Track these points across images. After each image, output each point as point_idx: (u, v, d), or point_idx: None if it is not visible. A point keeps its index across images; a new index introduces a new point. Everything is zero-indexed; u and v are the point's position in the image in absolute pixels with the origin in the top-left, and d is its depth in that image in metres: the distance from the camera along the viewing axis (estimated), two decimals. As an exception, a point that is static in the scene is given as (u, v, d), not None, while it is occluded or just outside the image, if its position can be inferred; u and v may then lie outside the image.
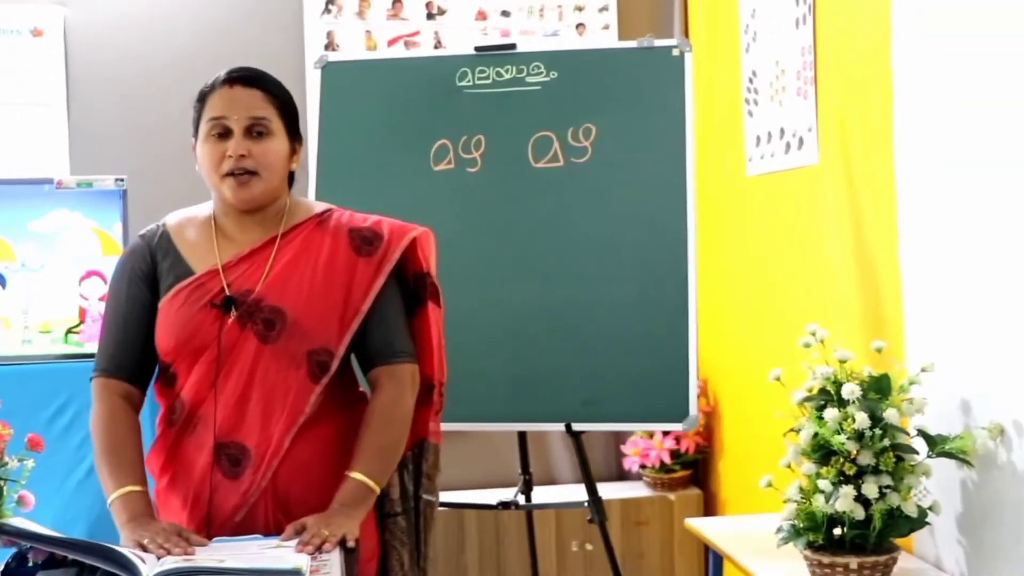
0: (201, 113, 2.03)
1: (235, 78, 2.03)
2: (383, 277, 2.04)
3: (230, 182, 1.98)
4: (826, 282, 2.87)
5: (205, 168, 2.01)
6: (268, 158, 2.00)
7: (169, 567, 1.61)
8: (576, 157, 2.89)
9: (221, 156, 1.98)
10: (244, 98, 2.00)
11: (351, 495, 1.94)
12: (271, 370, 1.98)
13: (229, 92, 2.01)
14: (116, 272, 2.09)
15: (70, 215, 2.95)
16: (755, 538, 2.58)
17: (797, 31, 2.99)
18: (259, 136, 2.00)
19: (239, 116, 1.98)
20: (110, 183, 3.00)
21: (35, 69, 3.71)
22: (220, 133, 1.99)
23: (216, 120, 1.99)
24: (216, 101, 2.01)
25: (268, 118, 2.01)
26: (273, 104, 2.03)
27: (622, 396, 2.79)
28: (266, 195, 2.02)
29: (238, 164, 1.97)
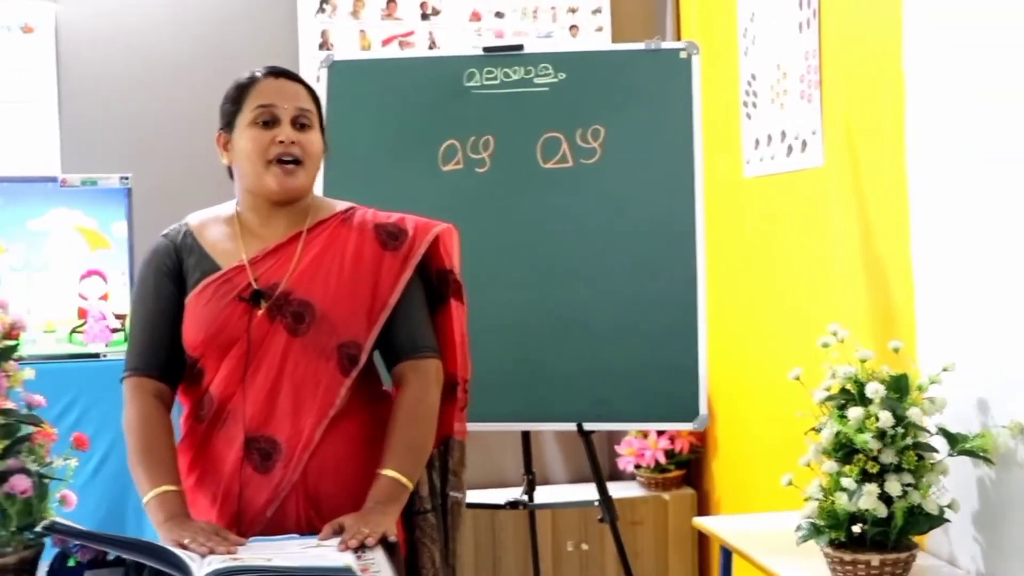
0: (240, 104, 2.02)
1: (279, 72, 2.05)
2: (409, 271, 2.05)
3: (276, 169, 1.98)
4: (832, 283, 2.91)
5: (246, 154, 1.99)
6: (312, 148, 2.02)
7: (221, 566, 1.60)
8: (585, 158, 2.90)
9: (268, 142, 1.98)
10: (291, 89, 2.03)
11: (385, 492, 1.93)
12: (301, 363, 1.97)
13: (276, 83, 2.03)
14: (141, 272, 2.07)
15: (69, 213, 2.91)
16: (765, 536, 2.61)
17: (800, 35, 3.02)
18: (303, 128, 2.01)
19: (288, 105, 2.00)
20: (115, 181, 2.97)
21: (26, 66, 3.66)
22: (267, 120, 1.98)
23: (265, 107, 1.98)
24: (264, 90, 2.01)
25: (311, 111, 2.03)
26: (312, 101, 2.05)
27: (632, 396, 2.81)
28: (306, 187, 2.04)
29: (287, 151, 1.97)
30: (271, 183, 1.99)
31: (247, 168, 2.01)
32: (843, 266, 2.84)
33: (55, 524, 1.61)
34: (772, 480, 3.35)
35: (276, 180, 1.99)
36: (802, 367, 3.06)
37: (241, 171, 2.04)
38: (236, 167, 2.05)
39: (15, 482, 1.55)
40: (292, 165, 1.99)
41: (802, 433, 3.12)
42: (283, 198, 2.02)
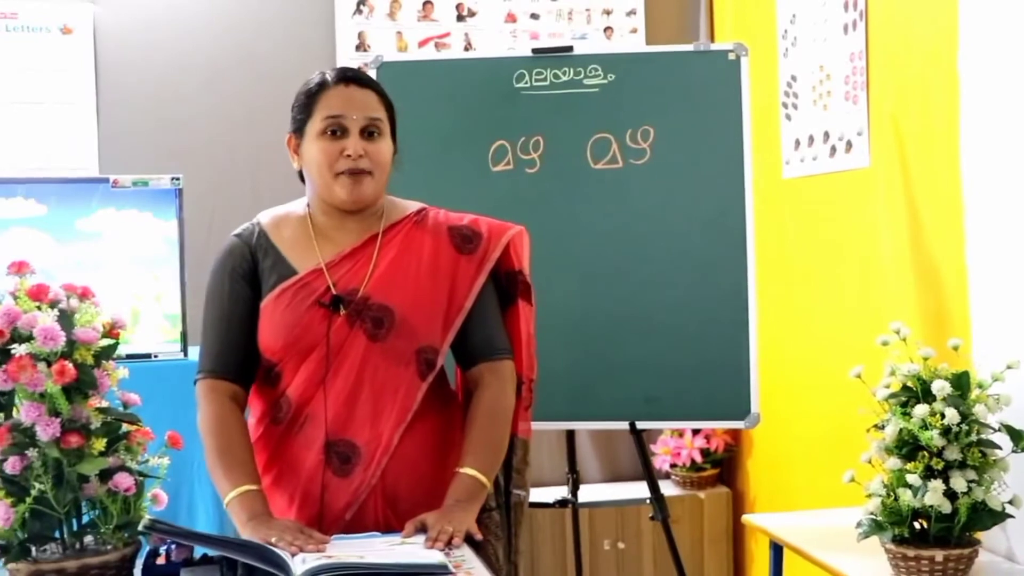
0: (309, 111, 2.01)
1: (349, 78, 2.03)
2: (484, 275, 2.06)
3: (344, 180, 1.98)
4: (879, 282, 2.93)
5: (315, 165, 2.00)
6: (381, 158, 2.01)
7: (319, 563, 1.62)
8: (635, 159, 2.92)
9: (337, 154, 1.97)
10: (360, 98, 2.00)
11: (465, 490, 1.95)
12: (380, 368, 1.99)
13: (345, 91, 2.00)
14: (215, 273, 2.06)
15: (118, 214, 2.93)
16: (818, 533, 2.63)
17: (846, 37, 3.04)
18: (372, 137, 2.00)
19: (357, 116, 1.98)
20: (166, 182, 2.98)
21: (65, 67, 3.67)
22: (335, 131, 1.98)
23: (334, 118, 1.98)
24: (332, 99, 1.99)
25: (381, 119, 2.02)
26: (384, 106, 2.04)
27: (683, 394, 2.83)
28: (375, 195, 2.03)
29: (355, 164, 1.97)
30: (340, 194, 1.99)
31: (317, 177, 2.01)
32: (891, 266, 2.87)
33: (155, 522, 1.63)
34: (813, 478, 3.39)
35: (345, 191, 1.99)
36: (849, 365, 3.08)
37: (311, 179, 2.04)
38: (306, 173, 2.06)
39: (119, 480, 1.56)
40: (361, 175, 1.98)
41: (845, 431, 3.15)
42: (352, 208, 2.02)
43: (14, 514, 1.51)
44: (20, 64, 3.64)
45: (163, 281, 2.98)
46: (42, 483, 1.52)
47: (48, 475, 1.53)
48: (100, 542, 1.61)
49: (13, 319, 1.50)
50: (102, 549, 1.60)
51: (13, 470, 1.53)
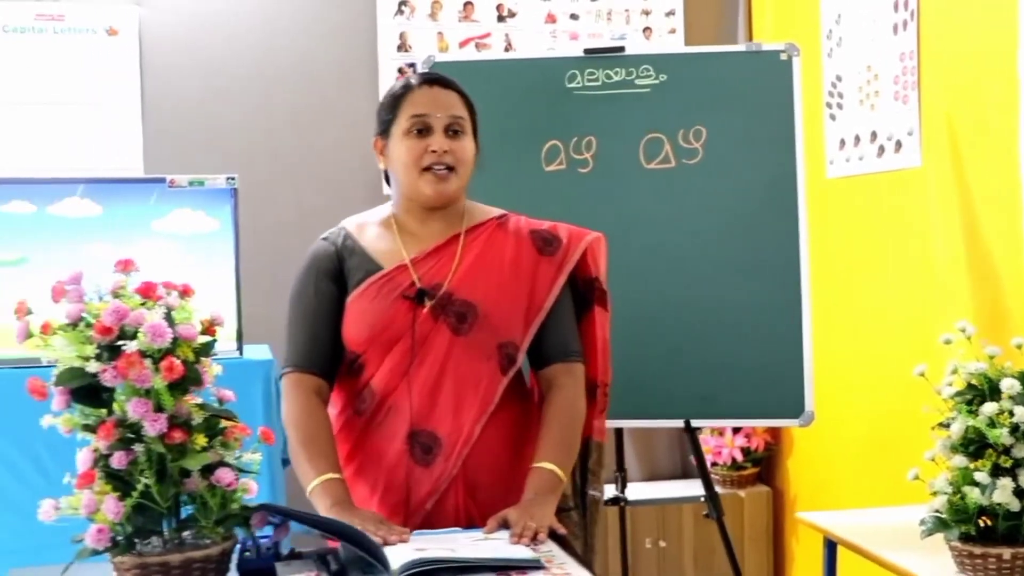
0: (395, 112, 2.07)
1: (433, 79, 2.09)
2: (564, 276, 2.11)
3: (429, 177, 2.03)
4: (930, 281, 2.95)
5: (402, 162, 2.05)
6: (465, 155, 2.06)
7: (416, 557, 1.63)
8: (687, 158, 2.94)
9: (422, 151, 2.03)
10: (444, 98, 2.06)
11: (543, 483, 1.98)
12: (463, 361, 2.02)
13: (430, 92, 2.06)
14: (302, 273, 2.12)
15: (193, 214, 2.95)
16: (874, 531, 2.64)
17: (895, 36, 3.06)
18: (455, 135, 2.05)
19: (441, 114, 2.04)
20: (221, 181, 3.00)
21: (110, 68, 3.69)
22: (420, 129, 2.02)
23: (419, 117, 2.03)
24: (418, 99, 2.05)
25: (464, 118, 2.07)
26: (465, 106, 2.09)
27: (738, 392, 2.85)
28: (458, 192, 2.08)
29: (440, 159, 2.01)
30: (425, 189, 2.04)
31: (402, 175, 2.07)
32: (944, 265, 2.88)
33: (268, 505, 1.65)
34: (859, 477, 3.40)
35: (430, 186, 2.04)
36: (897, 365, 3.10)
37: (397, 177, 2.09)
38: (392, 172, 2.11)
39: (220, 475, 1.58)
40: (445, 171, 2.03)
41: (893, 430, 3.17)
42: (437, 203, 2.07)
43: (123, 508, 1.52)
44: (67, 65, 3.66)
45: (217, 280, 2.99)
46: (146, 478, 1.54)
47: (152, 470, 1.55)
48: (198, 536, 1.63)
49: (122, 316, 1.51)
50: (201, 543, 1.62)
51: (119, 465, 1.54)
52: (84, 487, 1.54)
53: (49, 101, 3.65)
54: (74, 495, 1.60)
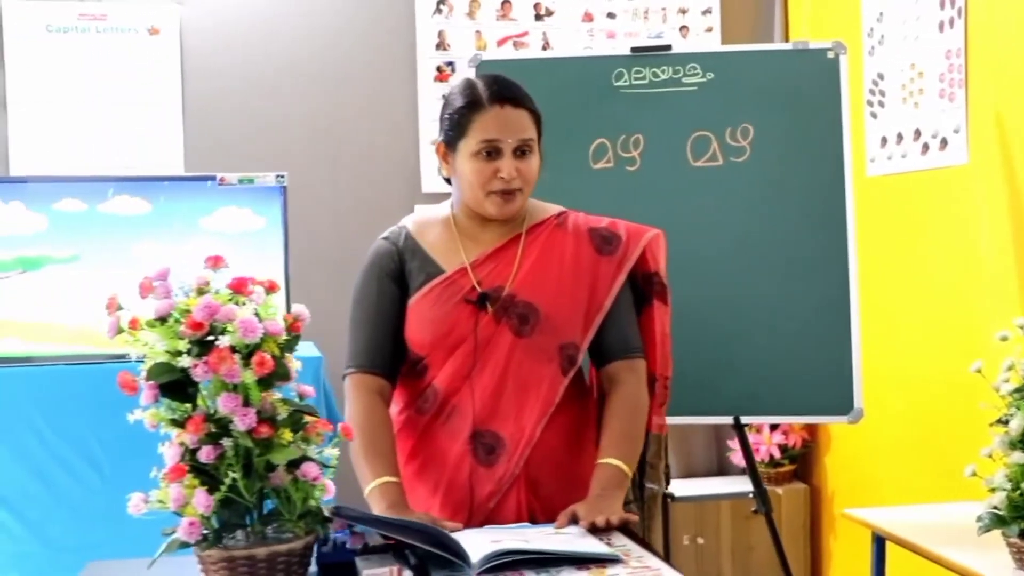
0: (464, 130, 2.03)
1: (505, 98, 2.04)
2: (624, 275, 2.11)
3: (495, 199, 2.03)
4: (976, 278, 2.95)
5: (470, 182, 2.04)
6: (531, 175, 2.06)
7: (494, 549, 1.65)
8: (735, 156, 2.95)
9: (491, 175, 2.02)
10: (515, 120, 2.03)
11: (609, 479, 1.99)
12: (525, 363, 2.04)
13: (501, 113, 2.02)
14: (365, 273, 2.13)
15: (239, 212, 2.97)
16: (925, 528, 2.65)
17: (942, 35, 3.07)
18: (523, 155, 2.04)
19: (512, 139, 2.02)
20: (271, 179, 3.02)
21: (152, 67, 3.71)
22: (489, 152, 2.02)
23: (489, 142, 2.01)
24: (489, 122, 2.01)
25: (533, 138, 2.05)
26: (534, 123, 2.07)
27: (787, 390, 2.86)
28: (522, 208, 2.09)
29: (508, 185, 2.02)
30: (490, 209, 2.05)
31: (468, 192, 2.06)
32: (991, 262, 2.89)
33: (341, 508, 1.66)
34: (900, 474, 3.41)
35: (495, 208, 2.04)
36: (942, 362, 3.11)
37: (461, 190, 2.09)
38: (455, 182, 2.10)
39: (306, 469, 1.59)
40: (512, 194, 2.03)
41: (935, 427, 3.18)
42: (500, 219, 2.08)
43: (213, 502, 1.54)
44: (109, 65, 3.68)
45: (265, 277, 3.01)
46: (234, 472, 1.56)
47: (239, 464, 1.56)
48: (279, 530, 1.65)
49: (213, 312, 1.53)
50: (283, 537, 1.63)
51: (207, 459, 1.56)
52: (175, 481, 1.55)
53: (91, 100, 3.68)
54: (160, 489, 1.61)
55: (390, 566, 1.66)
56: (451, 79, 3.88)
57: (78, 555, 2.78)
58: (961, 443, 3.07)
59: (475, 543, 1.70)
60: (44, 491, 2.82)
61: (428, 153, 3.90)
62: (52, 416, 2.82)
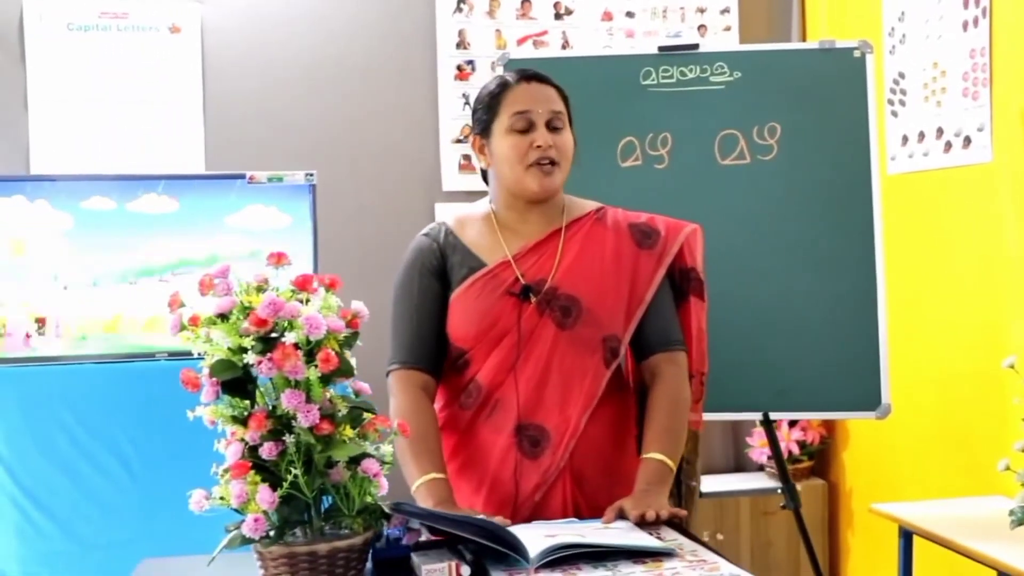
0: (495, 111, 2.08)
1: (531, 76, 2.10)
2: (664, 268, 2.13)
3: (535, 171, 2.05)
4: (1001, 275, 2.97)
5: (506, 159, 2.07)
6: (567, 148, 2.09)
7: (552, 544, 1.66)
8: (762, 155, 2.96)
9: (527, 147, 2.05)
10: (542, 92, 2.08)
11: (654, 474, 2.00)
12: (568, 355, 2.05)
13: (528, 88, 2.08)
14: (406, 270, 2.14)
15: (266, 210, 2.97)
16: (952, 522, 2.68)
17: (965, 34, 3.09)
18: (556, 130, 2.07)
19: (543, 110, 2.06)
20: (300, 178, 3.03)
21: (173, 66, 3.72)
22: (523, 127, 2.04)
23: (521, 114, 2.05)
24: (519, 96, 2.07)
25: (563, 112, 2.09)
26: (563, 101, 2.11)
27: (815, 386, 2.88)
28: (561, 185, 2.11)
29: (544, 154, 2.04)
30: (531, 184, 2.06)
31: (506, 171, 2.08)
32: (1017, 259, 2.91)
33: (400, 504, 1.67)
34: (921, 469, 3.43)
35: (536, 181, 2.06)
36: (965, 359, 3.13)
37: (499, 173, 2.11)
38: (493, 169, 2.12)
39: (367, 465, 1.60)
40: (550, 166, 2.06)
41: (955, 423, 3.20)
42: (542, 197, 2.10)
43: (276, 498, 1.55)
44: (130, 63, 3.68)
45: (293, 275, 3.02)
46: (295, 468, 1.56)
47: (300, 460, 1.57)
48: (336, 527, 1.65)
49: (278, 309, 1.54)
50: (341, 533, 1.64)
51: (269, 455, 1.57)
52: (238, 478, 1.56)
53: (112, 99, 3.68)
54: (220, 485, 1.62)
55: (448, 561, 1.67)
56: (471, 78, 3.90)
57: (108, 552, 2.80)
58: (984, 439, 3.10)
59: (530, 538, 1.71)
60: (74, 489, 2.83)
61: (448, 151, 3.91)
62: (82, 414, 2.82)
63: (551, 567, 1.65)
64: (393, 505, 1.67)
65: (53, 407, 2.82)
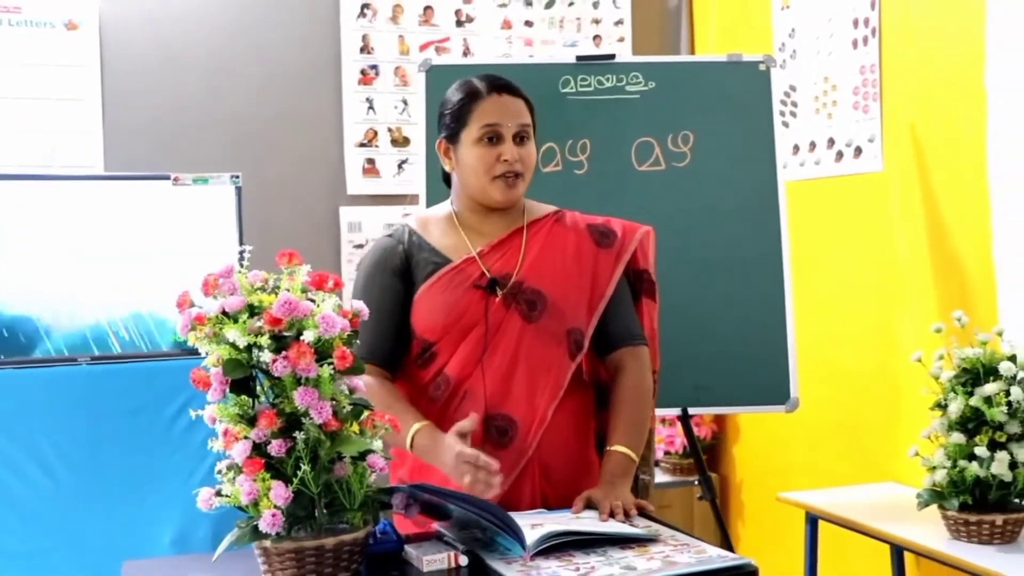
0: (465, 120, 2.13)
1: (501, 86, 2.15)
2: (622, 266, 2.23)
3: (500, 183, 2.12)
4: (893, 275, 3.20)
5: (473, 169, 2.12)
6: (531, 160, 2.16)
7: (546, 532, 1.73)
8: (677, 161, 3.11)
9: (493, 160, 2.11)
10: (512, 105, 2.14)
11: (619, 466, 2.09)
12: (535, 347, 2.12)
13: (499, 100, 2.13)
14: (367, 268, 2.17)
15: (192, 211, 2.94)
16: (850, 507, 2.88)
17: (855, 51, 3.31)
18: (523, 141, 2.14)
19: (511, 123, 2.12)
20: (225, 179, 3.01)
21: (69, 63, 3.61)
22: (491, 137, 2.11)
23: (491, 126, 2.11)
24: (489, 108, 2.12)
25: (530, 124, 2.16)
26: (530, 112, 2.18)
27: (729, 382, 3.03)
28: (523, 194, 2.18)
29: (511, 168, 2.11)
30: (496, 195, 2.13)
31: (472, 180, 2.14)
32: (908, 261, 3.14)
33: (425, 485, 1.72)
34: (808, 460, 3.64)
35: (501, 192, 2.13)
36: (857, 355, 3.35)
37: (464, 180, 2.16)
38: (457, 174, 2.18)
39: (372, 460, 1.64)
40: (514, 178, 2.13)
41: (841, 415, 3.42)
42: (504, 207, 2.17)
43: (290, 494, 1.57)
44: (24, 59, 3.56)
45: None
46: (304, 464, 1.59)
47: (307, 457, 1.60)
48: (336, 520, 1.68)
49: (292, 308, 1.56)
50: (341, 527, 1.67)
51: (278, 452, 1.58)
52: (252, 475, 1.57)
53: (5, 95, 3.54)
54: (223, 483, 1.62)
55: (446, 552, 1.72)
56: (375, 82, 3.92)
57: (31, 562, 2.72)
58: (875, 430, 3.33)
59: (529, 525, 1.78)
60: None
61: (353, 155, 3.93)
62: (3, 420, 2.73)
63: (544, 555, 1.72)
64: (416, 484, 1.71)
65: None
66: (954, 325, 2.59)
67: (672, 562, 1.68)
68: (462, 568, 1.72)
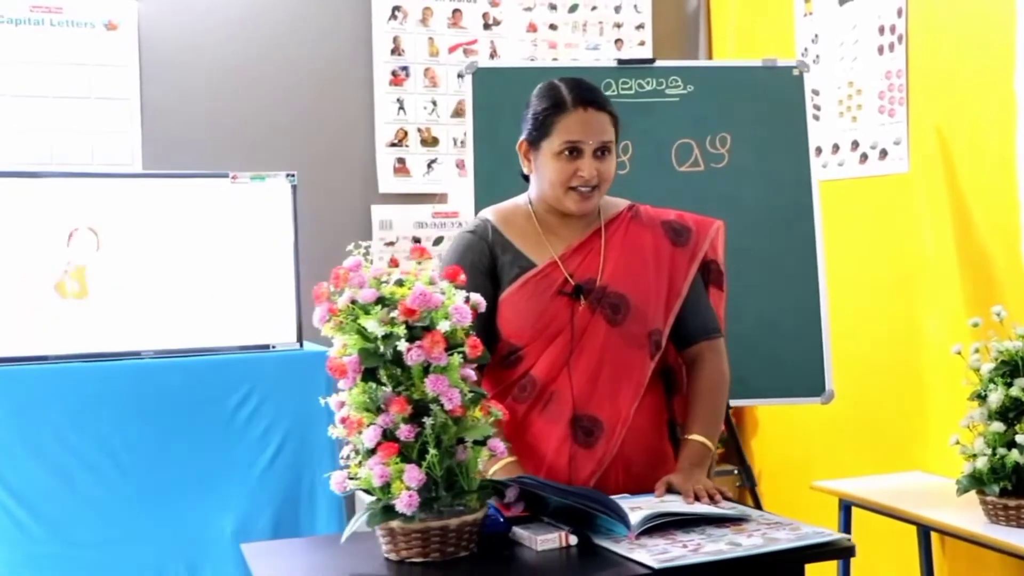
0: (547, 131, 2.18)
1: (588, 101, 2.19)
2: (697, 264, 2.31)
3: (574, 195, 2.19)
4: (919, 274, 3.33)
5: (551, 180, 2.19)
6: (609, 175, 2.22)
7: (650, 512, 1.83)
8: (715, 163, 3.22)
9: (571, 174, 2.17)
10: (596, 122, 2.18)
11: (696, 454, 2.19)
12: (618, 350, 2.20)
13: (584, 116, 2.17)
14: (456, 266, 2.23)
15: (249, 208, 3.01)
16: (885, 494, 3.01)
17: (881, 57, 3.44)
18: (603, 155, 2.20)
19: (593, 140, 2.17)
20: (282, 178, 3.08)
21: (109, 63, 3.66)
22: (571, 151, 2.17)
23: (572, 143, 2.16)
24: (572, 124, 2.16)
25: (612, 140, 2.21)
26: (614, 126, 2.23)
27: (767, 375, 3.15)
28: (598, 205, 2.26)
29: (587, 183, 2.17)
30: (570, 206, 2.20)
31: (547, 189, 2.21)
32: (935, 260, 3.27)
33: (522, 478, 1.81)
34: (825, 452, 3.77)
35: (575, 204, 2.20)
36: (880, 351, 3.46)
37: (541, 187, 2.23)
38: (535, 177, 2.25)
39: (493, 444, 1.72)
40: (590, 192, 2.19)
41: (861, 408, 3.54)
42: (577, 216, 2.24)
43: (424, 476, 1.65)
44: (64, 59, 3.61)
45: (280, 274, 3.09)
46: (430, 448, 1.68)
47: (433, 442, 1.68)
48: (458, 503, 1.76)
49: (427, 300, 1.64)
50: (456, 509, 1.76)
51: (407, 437, 1.67)
52: (386, 459, 1.65)
53: (47, 94, 3.59)
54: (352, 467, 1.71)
55: (559, 531, 1.81)
56: (405, 83, 4.01)
57: (99, 551, 2.78)
58: (901, 422, 3.45)
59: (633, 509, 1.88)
60: (62, 488, 2.78)
61: (384, 154, 4.00)
62: (73, 414, 2.78)
63: (649, 534, 1.82)
64: (517, 477, 1.80)
65: (43, 407, 2.77)
66: (991, 320, 2.72)
67: (772, 538, 1.78)
68: (571, 547, 1.81)
